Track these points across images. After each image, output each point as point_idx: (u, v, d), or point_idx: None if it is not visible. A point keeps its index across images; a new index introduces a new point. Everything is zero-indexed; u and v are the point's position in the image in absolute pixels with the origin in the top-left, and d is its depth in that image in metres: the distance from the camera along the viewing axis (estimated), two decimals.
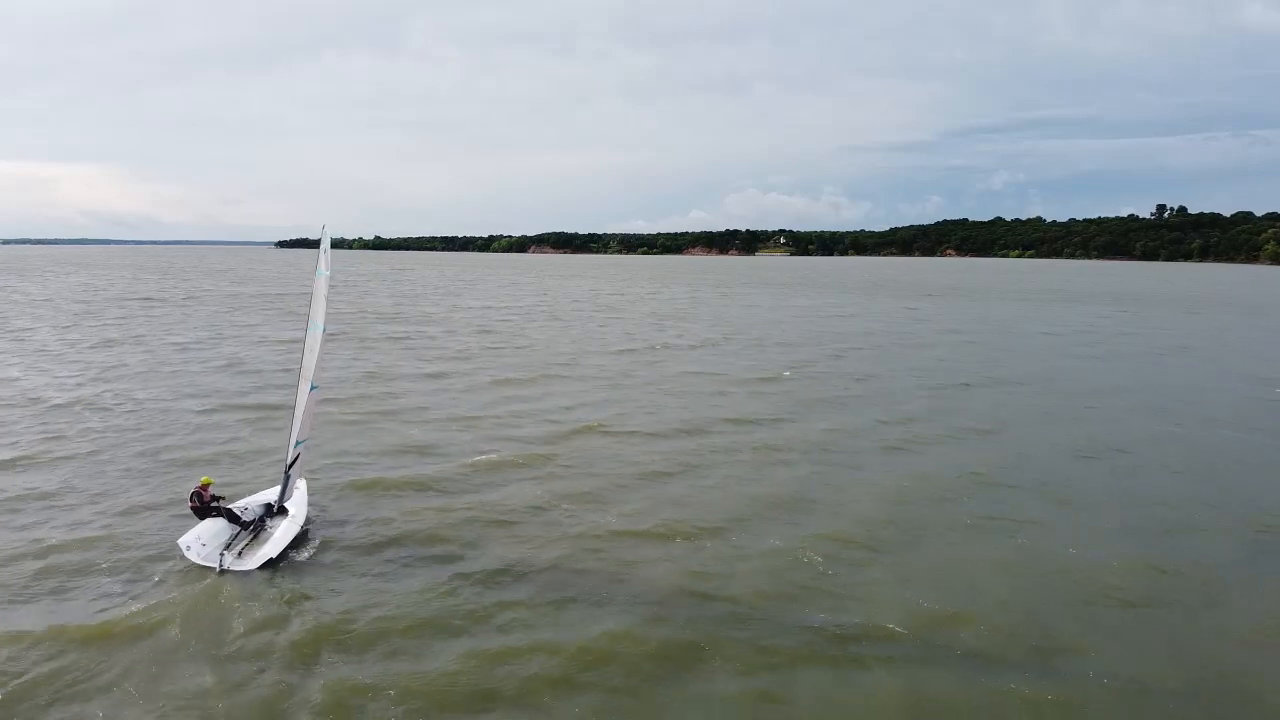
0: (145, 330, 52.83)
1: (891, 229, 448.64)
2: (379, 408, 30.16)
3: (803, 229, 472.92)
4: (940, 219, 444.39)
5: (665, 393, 33.91)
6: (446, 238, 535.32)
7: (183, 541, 16.14)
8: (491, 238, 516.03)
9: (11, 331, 51.12)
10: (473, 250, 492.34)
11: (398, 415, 28.94)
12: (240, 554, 16.34)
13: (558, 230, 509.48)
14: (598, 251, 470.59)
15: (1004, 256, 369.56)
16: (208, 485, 17.41)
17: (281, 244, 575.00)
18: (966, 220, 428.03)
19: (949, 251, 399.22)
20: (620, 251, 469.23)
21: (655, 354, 45.92)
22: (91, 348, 44.09)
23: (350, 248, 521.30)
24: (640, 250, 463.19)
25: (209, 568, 15.73)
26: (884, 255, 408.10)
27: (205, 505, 17.16)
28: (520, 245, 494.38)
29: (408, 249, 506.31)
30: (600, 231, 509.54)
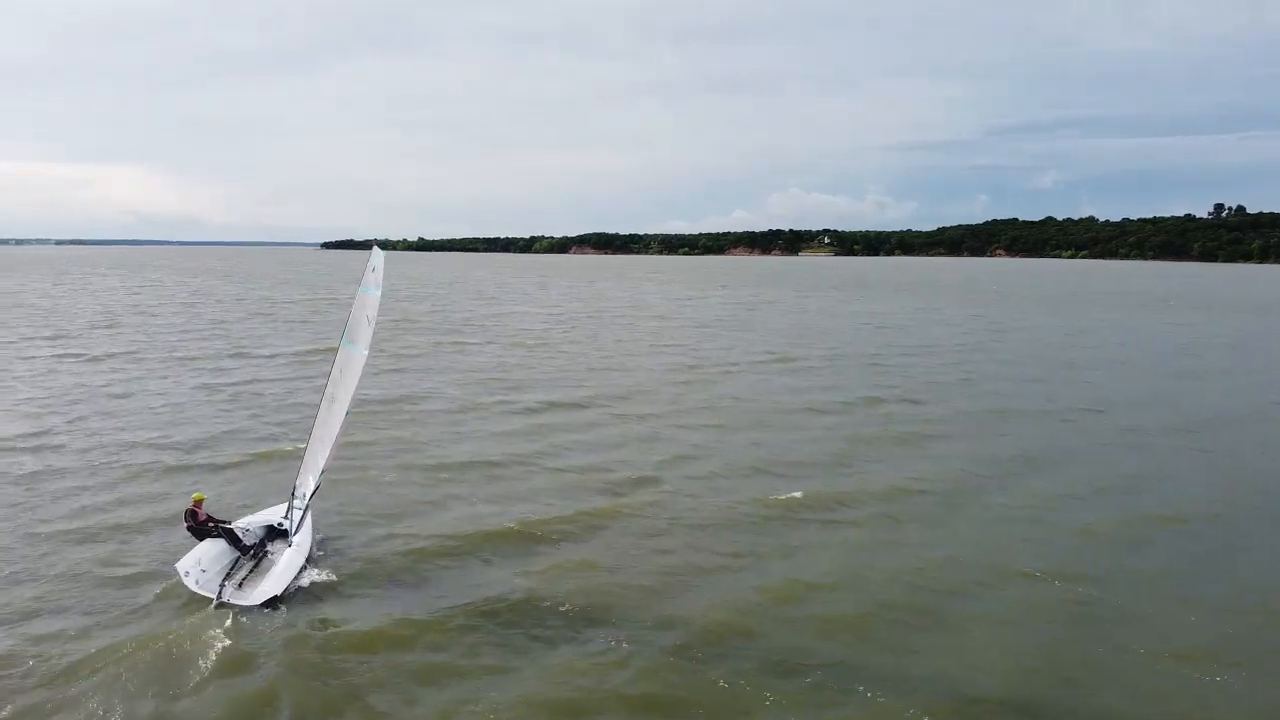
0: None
1: (939, 228, 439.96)
2: (401, 435, 27.04)
3: (846, 228, 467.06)
4: (987, 219, 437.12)
5: (737, 425, 29.36)
6: (489, 239, 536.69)
7: (181, 566, 15.09)
8: (533, 239, 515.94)
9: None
10: (514, 251, 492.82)
11: (422, 446, 25.78)
12: (241, 584, 15.29)
13: (599, 231, 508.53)
14: (638, 252, 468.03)
15: (1056, 257, 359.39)
16: (201, 502, 16.35)
17: (326, 245, 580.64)
18: (1016, 220, 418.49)
19: (998, 252, 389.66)
20: (661, 252, 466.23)
21: (716, 372, 41.88)
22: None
23: (395, 249, 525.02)
24: (682, 251, 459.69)
25: (206, 597, 14.69)
26: (932, 255, 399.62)
27: (202, 525, 16.03)
28: (561, 246, 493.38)
29: (451, 250, 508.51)
30: (641, 232, 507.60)
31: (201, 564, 15.33)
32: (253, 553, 16.28)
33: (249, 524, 16.94)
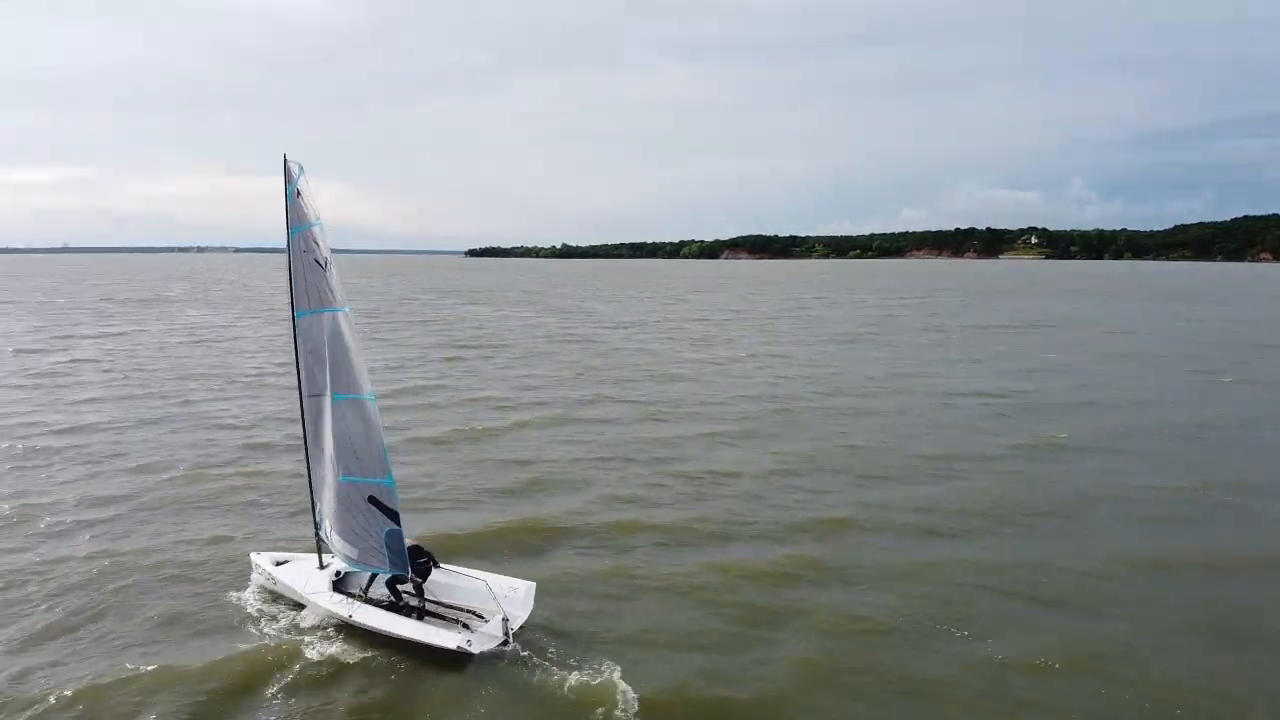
0: None
1: (1174, 227, 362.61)
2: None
3: (1052, 227, 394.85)
4: (1224, 217, 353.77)
5: None
6: (634, 244, 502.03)
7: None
8: (681, 243, 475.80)
9: None
10: (661, 256, 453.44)
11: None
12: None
13: (754, 233, 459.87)
14: (800, 256, 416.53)
15: None
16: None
17: (471, 252, 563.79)
18: None
19: (1264, 256, 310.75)
20: (825, 255, 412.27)
21: None
22: None
23: (537, 256, 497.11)
24: (851, 254, 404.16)
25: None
26: (1174, 260, 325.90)
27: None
28: (712, 250, 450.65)
29: (595, 257, 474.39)
30: (802, 234, 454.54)
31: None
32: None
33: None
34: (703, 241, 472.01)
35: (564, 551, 18.22)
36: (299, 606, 15.16)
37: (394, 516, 14.40)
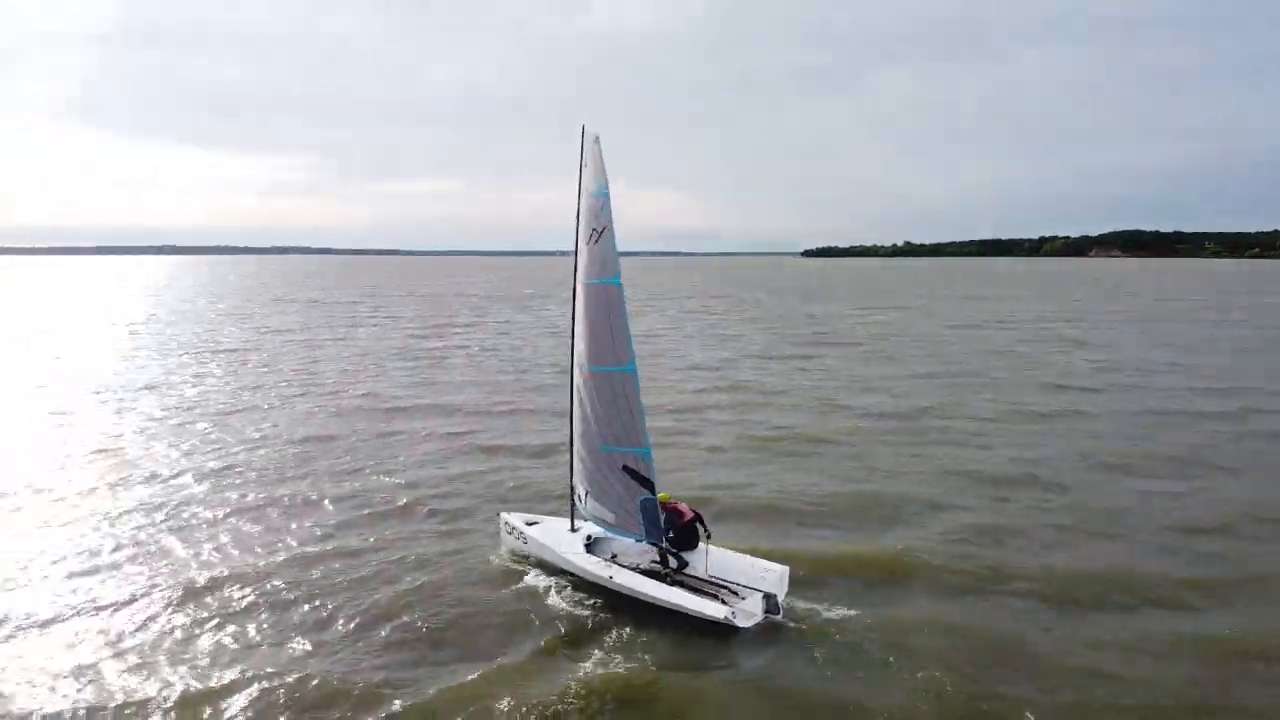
0: None
1: None
2: None
3: None
4: None
5: None
6: (985, 241, 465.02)
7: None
8: (1041, 239, 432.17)
9: None
10: (1018, 254, 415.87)
11: None
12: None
13: (1128, 229, 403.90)
14: (1186, 254, 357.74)
15: None
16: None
17: (806, 253, 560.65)
18: None
19: None
20: (1215, 253, 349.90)
21: None
22: None
23: (875, 255, 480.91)
24: (1249, 253, 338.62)
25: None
26: None
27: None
28: (1078, 248, 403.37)
29: (939, 255, 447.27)
30: (1190, 230, 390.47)
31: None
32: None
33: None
34: (1067, 237, 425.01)
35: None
36: (548, 566, 15.36)
37: (649, 485, 14.56)
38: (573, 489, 16.06)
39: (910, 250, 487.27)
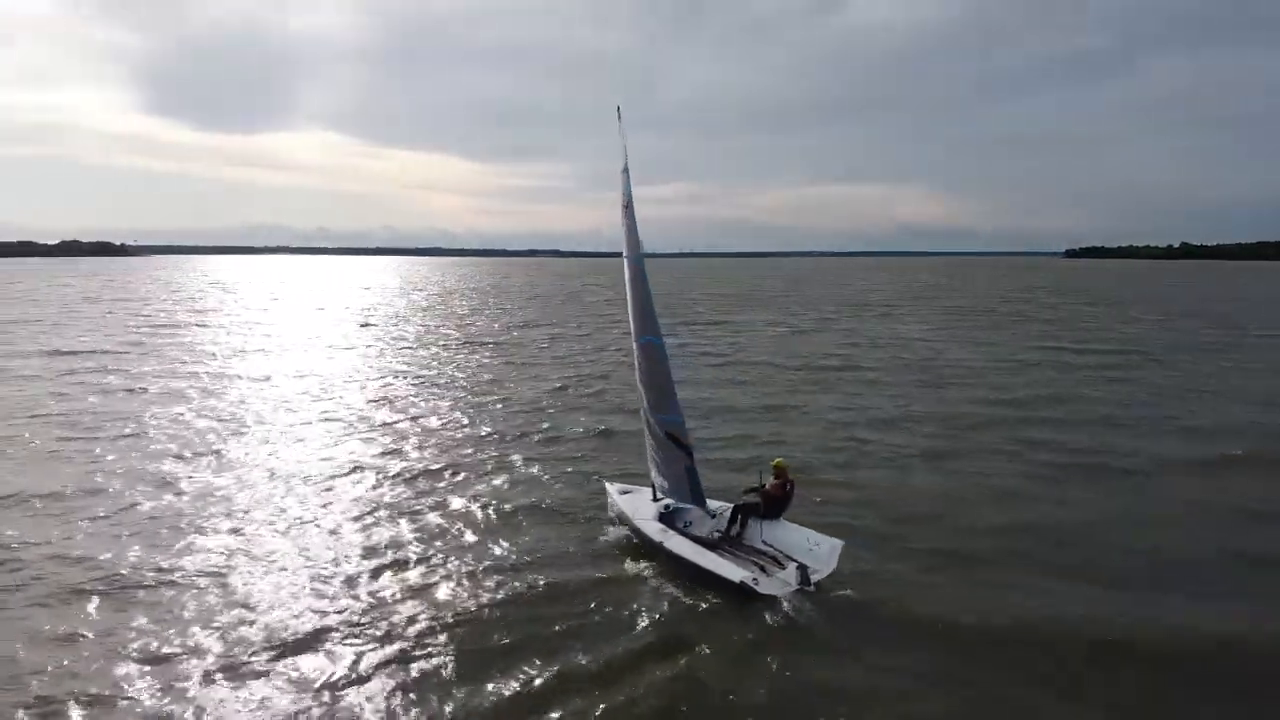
0: None
1: None
2: None
3: None
4: None
5: None
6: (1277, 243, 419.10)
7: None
8: None
9: None
10: None
11: None
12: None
13: None
14: None
15: None
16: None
17: (1070, 253, 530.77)
18: None
19: None
20: None
21: None
22: None
23: (1147, 256, 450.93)
24: None
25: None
26: None
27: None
28: None
29: (1218, 257, 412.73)
30: None
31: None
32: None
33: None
34: None
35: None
36: (633, 532, 16.21)
37: (688, 452, 15.39)
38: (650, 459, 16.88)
39: (1188, 252, 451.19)
